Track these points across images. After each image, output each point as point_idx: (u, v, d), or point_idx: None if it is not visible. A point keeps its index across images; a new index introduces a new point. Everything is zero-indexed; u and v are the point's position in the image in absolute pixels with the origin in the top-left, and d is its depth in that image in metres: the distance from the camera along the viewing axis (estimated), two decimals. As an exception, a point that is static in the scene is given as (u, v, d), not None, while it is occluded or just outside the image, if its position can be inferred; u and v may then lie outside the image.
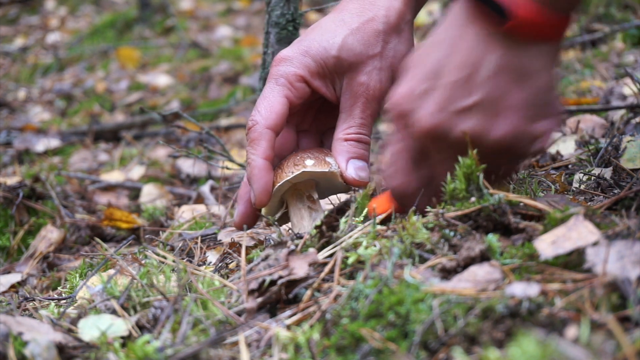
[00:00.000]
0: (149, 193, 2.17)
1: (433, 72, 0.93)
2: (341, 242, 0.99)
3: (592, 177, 1.20)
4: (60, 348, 0.89)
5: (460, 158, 0.96)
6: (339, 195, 1.28)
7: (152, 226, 1.78)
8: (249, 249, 1.17)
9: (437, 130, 0.93)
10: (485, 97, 0.89)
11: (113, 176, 2.44)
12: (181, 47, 4.64)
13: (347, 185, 1.14)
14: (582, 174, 1.23)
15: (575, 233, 0.84)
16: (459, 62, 0.90)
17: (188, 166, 2.40)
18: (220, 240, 1.34)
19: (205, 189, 1.98)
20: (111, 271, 1.20)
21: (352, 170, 1.11)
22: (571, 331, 0.70)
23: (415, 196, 1.01)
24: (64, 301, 1.20)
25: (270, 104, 1.09)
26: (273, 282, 0.93)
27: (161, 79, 4.09)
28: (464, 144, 0.92)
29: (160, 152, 2.77)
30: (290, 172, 1.10)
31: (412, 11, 1.12)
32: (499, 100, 0.89)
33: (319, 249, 1.01)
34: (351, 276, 0.93)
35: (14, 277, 1.60)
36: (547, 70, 0.90)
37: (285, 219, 1.19)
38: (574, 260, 0.83)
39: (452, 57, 0.91)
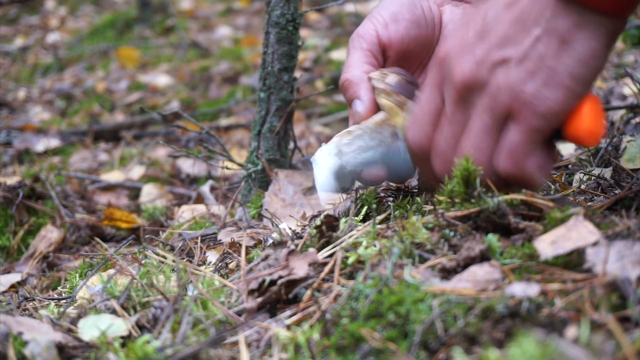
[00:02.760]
0: (149, 193, 2.17)
1: (484, 26, 0.91)
2: (341, 242, 0.99)
3: (592, 177, 1.20)
4: (60, 348, 0.89)
5: (456, 160, 0.95)
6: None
7: (152, 226, 1.78)
8: (249, 249, 1.18)
9: (474, 79, 0.91)
10: (527, 54, 0.87)
11: (113, 176, 2.43)
12: (181, 47, 4.64)
13: None
14: (582, 174, 1.23)
15: (575, 233, 0.84)
16: (511, 18, 0.89)
17: (188, 166, 2.40)
18: (220, 240, 1.34)
19: (205, 189, 1.98)
20: (111, 271, 1.20)
21: None
22: (571, 331, 0.70)
23: (429, 154, 1.00)
24: (64, 301, 1.20)
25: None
26: (273, 282, 0.93)
27: (161, 79, 4.09)
28: (499, 98, 0.89)
29: (160, 152, 2.77)
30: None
31: None
32: (541, 60, 0.87)
33: (319, 249, 1.01)
34: (351, 276, 0.93)
35: (14, 277, 1.60)
36: (600, 47, 0.86)
37: None
38: (574, 260, 0.83)
39: (507, 13, 0.89)
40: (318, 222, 1.04)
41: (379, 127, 1.09)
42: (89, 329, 0.92)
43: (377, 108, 1.11)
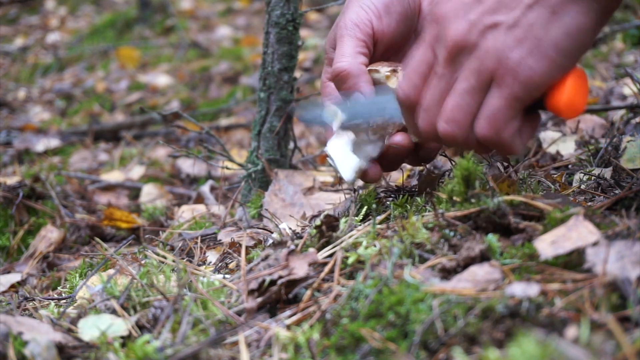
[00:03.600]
0: (149, 193, 2.17)
1: None
2: (341, 242, 0.99)
3: (592, 177, 1.20)
4: (60, 348, 0.89)
5: (458, 160, 0.95)
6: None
7: (152, 226, 1.78)
8: (249, 249, 1.18)
9: (465, 40, 0.91)
10: (518, 21, 0.88)
11: (113, 176, 2.43)
12: (181, 47, 4.64)
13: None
14: (582, 174, 1.23)
15: (575, 233, 0.84)
16: None
17: (188, 166, 2.40)
18: (220, 240, 1.34)
19: (205, 188, 1.98)
20: (111, 271, 1.20)
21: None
22: (571, 331, 0.70)
23: (417, 111, 1.00)
24: (64, 301, 1.20)
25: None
26: (273, 282, 0.93)
27: (161, 78, 4.09)
28: (485, 62, 0.90)
29: (160, 152, 2.77)
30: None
31: None
32: (530, 28, 0.88)
33: (319, 249, 1.01)
34: (351, 276, 0.93)
35: (14, 277, 1.60)
36: (589, 23, 0.87)
37: None
38: (574, 260, 0.83)
39: None
40: (318, 222, 1.04)
41: None
42: (89, 329, 0.92)
43: None
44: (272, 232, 1.24)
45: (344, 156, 1.12)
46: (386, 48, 1.16)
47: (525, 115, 0.93)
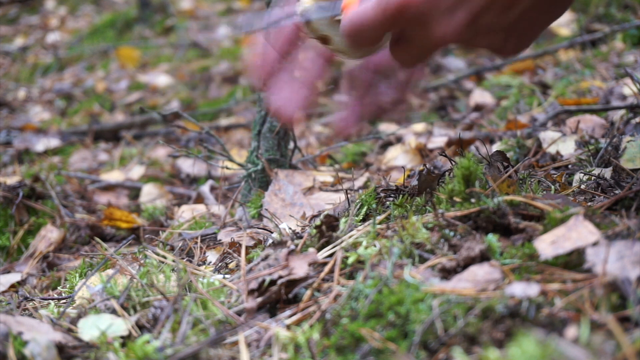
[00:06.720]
0: (149, 193, 2.17)
1: None
2: (341, 242, 0.99)
3: (592, 177, 1.20)
4: (60, 348, 0.89)
5: (458, 159, 0.97)
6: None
7: (152, 226, 1.78)
8: (249, 249, 1.18)
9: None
10: None
11: (113, 176, 2.43)
12: (181, 47, 4.64)
13: None
14: (582, 174, 1.23)
15: (575, 233, 0.84)
16: None
17: (188, 166, 2.40)
18: (220, 240, 1.34)
19: (205, 188, 1.98)
20: (111, 271, 1.20)
21: None
22: (571, 331, 0.70)
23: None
24: (64, 301, 1.20)
25: None
26: (273, 282, 0.93)
27: (161, 78, 4.09)
28: None
29: (160, 152, 2.77)
30: None
31: None
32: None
33: (319, 249, 1.01)
34: (351, 276, 0.93)
35: (14, 277, 1.60)
36: None
37: None
38: (574, 260, 0.83)
39: None
40: (318, 222, 1.04)
41: None
42: (89, 329, 0.92)
43: None
44: (272, 232, 1.24)
45: None
46: None
47: None
